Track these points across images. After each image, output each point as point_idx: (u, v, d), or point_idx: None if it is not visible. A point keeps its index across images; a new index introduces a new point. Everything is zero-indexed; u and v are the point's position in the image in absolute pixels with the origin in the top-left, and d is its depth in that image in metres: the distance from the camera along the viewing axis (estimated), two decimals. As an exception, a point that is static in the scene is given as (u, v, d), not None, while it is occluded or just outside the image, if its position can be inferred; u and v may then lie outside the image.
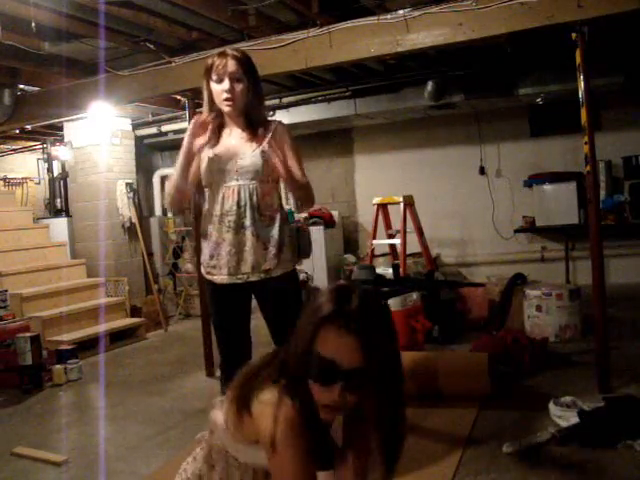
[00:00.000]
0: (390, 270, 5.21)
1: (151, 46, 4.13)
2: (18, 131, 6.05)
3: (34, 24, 3.41)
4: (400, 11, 3.51)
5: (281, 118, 4.70)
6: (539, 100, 5.85)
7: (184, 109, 4.94)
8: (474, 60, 5.10)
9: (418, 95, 5.61)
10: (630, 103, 5.82)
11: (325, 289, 1.27)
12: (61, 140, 6.49)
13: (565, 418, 2.69)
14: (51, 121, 5.62)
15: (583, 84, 3.13)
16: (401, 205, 5.81)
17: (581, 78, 3.13)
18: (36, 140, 7.12)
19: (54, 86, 4.75)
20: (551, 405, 2.82)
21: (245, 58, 2.20)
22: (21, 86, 4.93)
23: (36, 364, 4.09)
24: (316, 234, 6.26)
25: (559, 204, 5.96)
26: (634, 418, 2.55)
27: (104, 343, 5.11)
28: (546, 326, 4.23)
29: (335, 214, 6.96)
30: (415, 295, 4.24)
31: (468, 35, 3.34)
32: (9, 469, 2.81)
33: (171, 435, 3.09)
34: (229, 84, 2.14)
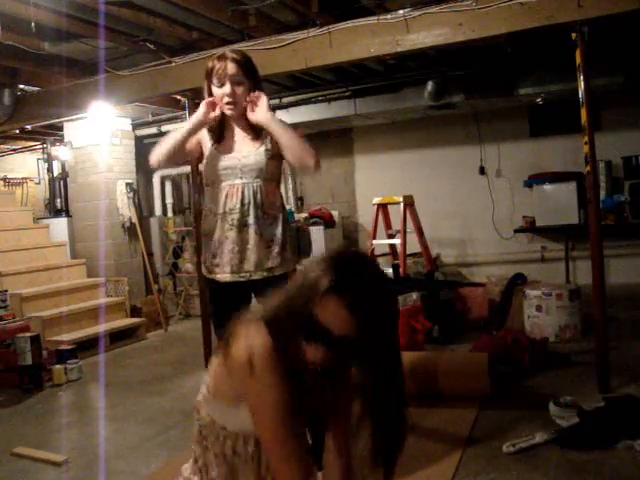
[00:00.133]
0: (390, 270, 5.21)
1: (151, 46, 4.12)
2: (18, 131, 6.04)
3: (34, 24, 3.42)
4: (400, 11, 3.51)
5: (281, 118, 4.68)
6: (539, 100, 5.84)
7: (184, 109, 4.93)
8: (474, 60, 5.09)
9: (418, 95, 5.60)
10: (630, 103, 5.82)
11: (338, 255, 1.25)
12: (61, 140, 6.49)
13: (565, 418, 2.69)
14: (51, 121, 5.62)
15: (583, 84, 3.13)
16: (401, 205, 5.80)
17: (581, 78, 3.13)
18: (36, 140, 7.12)
19: (54, 86, 4.76)
20: (551, 405, 2.82)
21: (245, 60, 2.19)
22: (21, 86, 4.93)
23: (36, 364, 4.09)
24: (316, 234, 6.25)
25: (559, 204, 5.94)
26: (634, 418, 2.55)
27: (104, 343, 5.11)
28: (546, 326, 4.23)
29: (335, 214, 6.94)
30: (415, 295, 4.24)
31: (468, 35, 3.35)
32: (9, 469, 2.80)
33: (171, 435, 3.09)
34: (230, 88, 2.14)
